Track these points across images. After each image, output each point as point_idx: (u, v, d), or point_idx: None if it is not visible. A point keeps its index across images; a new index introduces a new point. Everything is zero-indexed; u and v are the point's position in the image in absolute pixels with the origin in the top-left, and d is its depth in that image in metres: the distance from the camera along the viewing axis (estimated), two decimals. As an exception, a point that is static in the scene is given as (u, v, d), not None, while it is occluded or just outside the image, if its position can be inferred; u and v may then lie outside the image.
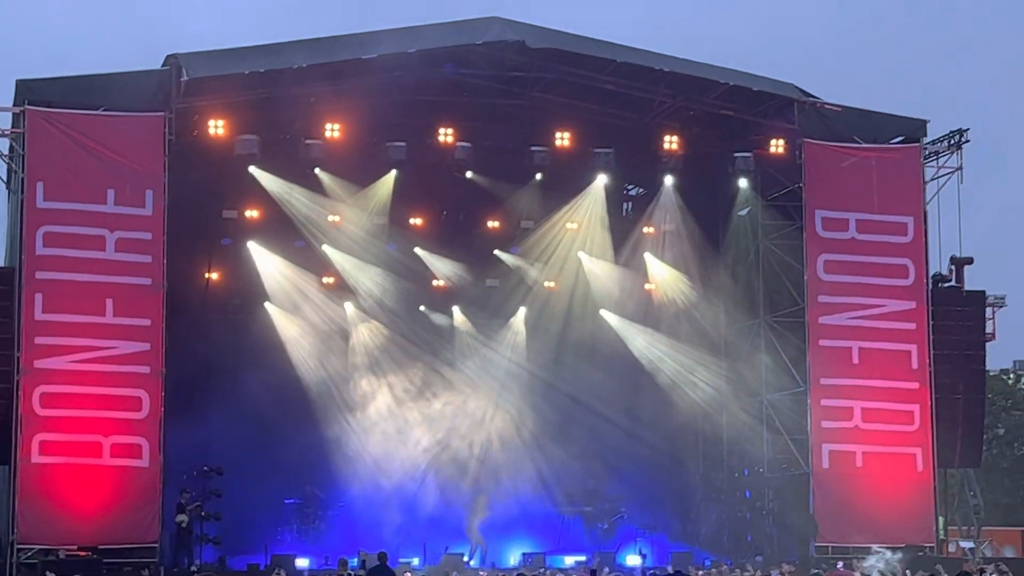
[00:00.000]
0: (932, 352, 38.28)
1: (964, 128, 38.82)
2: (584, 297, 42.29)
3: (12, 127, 34.72)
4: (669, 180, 40.88)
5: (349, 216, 39.73)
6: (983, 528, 42.70)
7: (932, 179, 39.09)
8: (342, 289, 40.88)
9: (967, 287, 40.37)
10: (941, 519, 39.76)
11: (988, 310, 40.53)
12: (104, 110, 34.23)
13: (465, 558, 37.90)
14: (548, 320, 42.47)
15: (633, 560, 38.69)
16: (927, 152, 39.08)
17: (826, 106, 38.67)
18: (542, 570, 30.56)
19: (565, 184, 40.63)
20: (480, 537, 39.21)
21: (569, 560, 38.48)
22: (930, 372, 38.16)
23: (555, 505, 41.28)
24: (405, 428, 41.17)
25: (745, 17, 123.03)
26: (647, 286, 42.50)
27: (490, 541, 39.46)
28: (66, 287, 33.67)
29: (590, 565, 36.35)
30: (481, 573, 35.99)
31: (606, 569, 34.03)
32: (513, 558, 39.01)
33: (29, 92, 34.18)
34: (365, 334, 41.27)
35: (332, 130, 37.02)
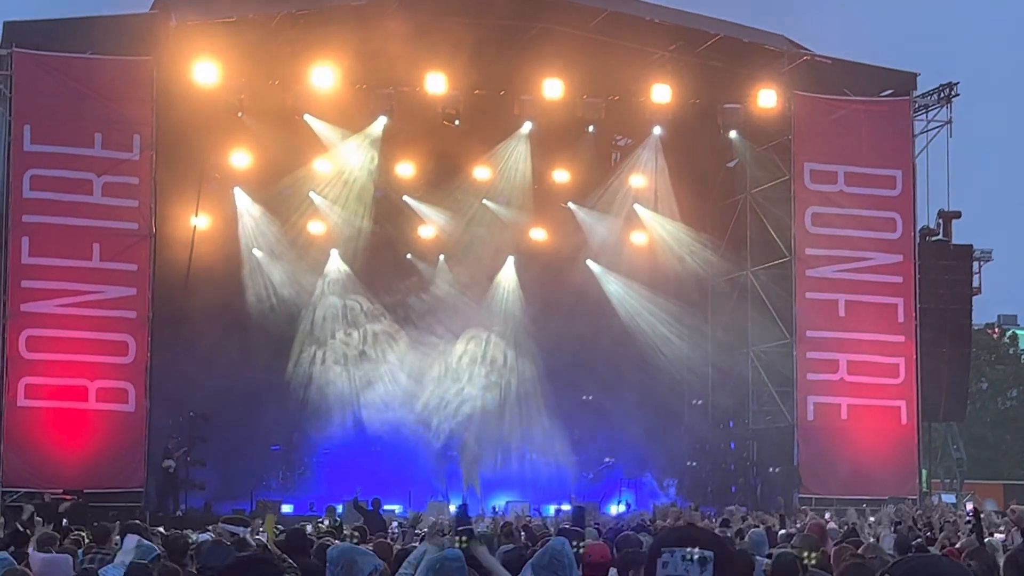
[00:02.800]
0: (918, 306, 38.35)
1: (954, 82, 38.76)
2: (572, 247, 42.24)
3: (-1, 70, 34.55)
4: (658, 131, 40.76)
5: (337, 163, 39.60)
6: (965, 481, 42.92)
7: (921, 132, 39.06)
8: (329, 236, 40.78)
9: (954, 241, 40.44)
10: (924, 472, 39.94)
11: (975, 264, 40.62)
12: (92, 53, 34.06)
13: (452, 507, 38.02)
14: (535, 270, 42.40)
15: (617, 510, 38.80)
16: (917, 105, 39.03)
17: (816, 58, 38.59)
18: (528, 518, 30.54)
19: (554, 133, 40.47)
20: (475, 478, 39.44)
21: (553, 509, 38.54)
22: (916, 325, 38.25)
23: (541, 455, 41.32)
24: (391, 376, 41.14)
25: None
26: (635, 236, 42.44)
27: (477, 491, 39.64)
28: (53, 231, 33.63)
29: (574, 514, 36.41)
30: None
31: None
32: (498, 507, 39.07)
33: (16, 34, 34.02)
34: (351, 281, 41.18)
35: (321, 76, 36.79)
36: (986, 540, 19.80)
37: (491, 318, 42.36)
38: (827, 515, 33.26)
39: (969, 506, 29.40)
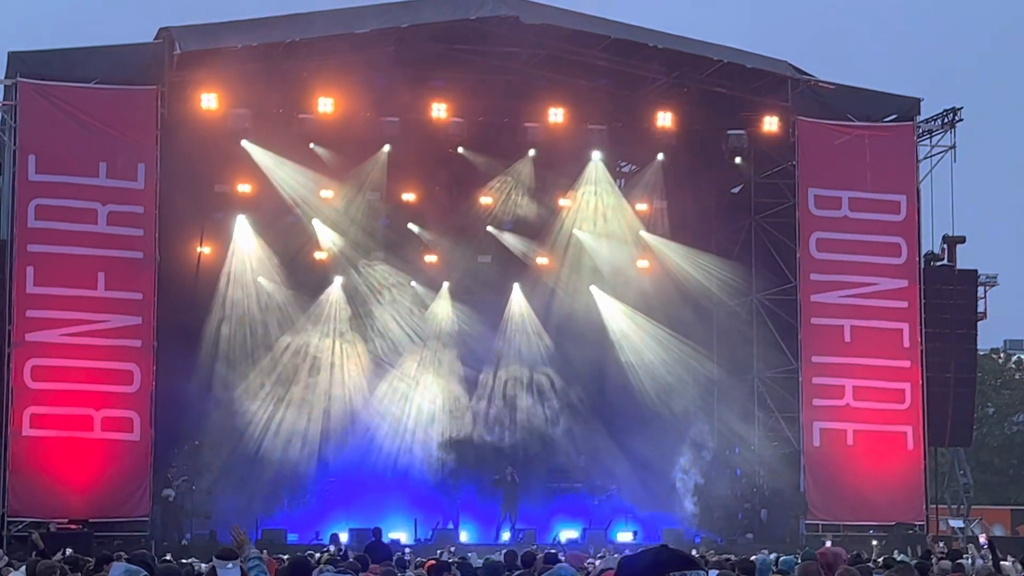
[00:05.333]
0: (924, 331, 38.33)
1: (958, 107, 38.82)
2: (577, 273, 42.19)
3: (4, 100, 34.64)
4: (662, 157, 40.83)
5: (341, 191, 39.63)
6: (972, 507, 42.81)
7: (925, 157, 39.10)
8: (333, 264, 40.76)
9: (959, 266, 40.45)
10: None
11: (980, 289, 40.62)
12: (97, 83, 34.16)
13: (464, 535, 37.98)
14: (540, 296, 42.39)
15: (624, 536, 38.71)
16: (920, 131, 39.07)
17: (820, 84, 38.63)
18: (534, 546, 30.48)
19: (558, 160, 40.56)
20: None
21: (561, 536, 38.49)
22: (921, 351, 38.21)
23: (547, 481, 41.24)
24: (397, 404, 41.06)
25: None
26: (640, 263, 42.41)
27: (483, 517, 39.57)
28: (58, 260, 33.65)
29: (582, 543, 36.35)
30: (471, 552, 35.94)
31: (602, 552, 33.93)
32: (505, 534, 39.01)
33: (22, 64, 34.09)
34: (356, 309, 41.13)
35: (325, 104, 36.89)
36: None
37: (494, 343, 42.27)
38: (827, 543, 33.19)
39: (983, 538, 29.29)
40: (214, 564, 12.69)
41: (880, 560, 20.51)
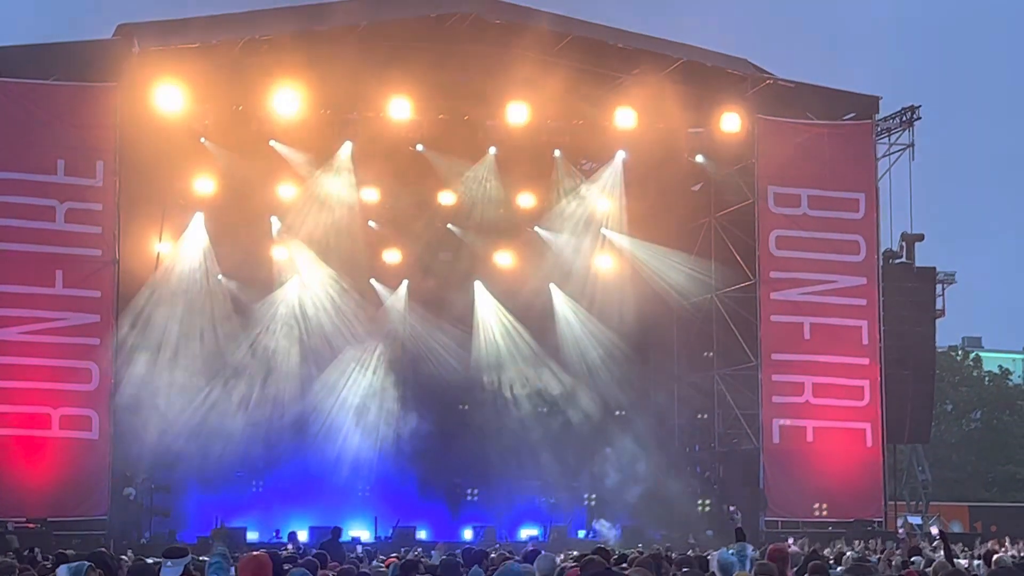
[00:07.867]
0: (882, 328, 38.49)
1: (916, 105, 39.00)
2: (538, 271, 42.16)
3: (-40, 96, 34.37)
4: (623, 155, 40.84)
5: (302, 188, 39.48)
6: (931, 503, 43.06)
7: (884, 156, 39.29)
8: (293, 261, 40.62)
9: (918, 263, 40.66)
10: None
11: (938, 287, 40.82)
12: (55, 79, 33.96)
13: (422, 533, 37.99)
14: (500, 294, 42.36)
15: (582, 534, 38.84)
16: (879, 129, 39.26)
17: (779, 82, 38.74)
18: (496, 545, 30.49)
19: (519, 158, 40.50)
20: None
21: (522, 534, 38.52)
22: (880, 348, 38.38)
23: (506, 480, 41.23)
24: (355, 401, 40.93)
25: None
26: (601, 260, 42.41)
27: (445, 516, 39.61)
28: (15, 258, 33.45)
29: (544, 540, 36.39)
30: (435, 549, 35.88)
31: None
32: (467, 532, 39.01)
33: (-22, 61, 33.84)
34: (313, 307, 40.98)
35: (286, 102, 36.71)
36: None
37: (451, 340, 42.22)
38: (790, 540, 33.28)
39: (934, 530, 29.50)
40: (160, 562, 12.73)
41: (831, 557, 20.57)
